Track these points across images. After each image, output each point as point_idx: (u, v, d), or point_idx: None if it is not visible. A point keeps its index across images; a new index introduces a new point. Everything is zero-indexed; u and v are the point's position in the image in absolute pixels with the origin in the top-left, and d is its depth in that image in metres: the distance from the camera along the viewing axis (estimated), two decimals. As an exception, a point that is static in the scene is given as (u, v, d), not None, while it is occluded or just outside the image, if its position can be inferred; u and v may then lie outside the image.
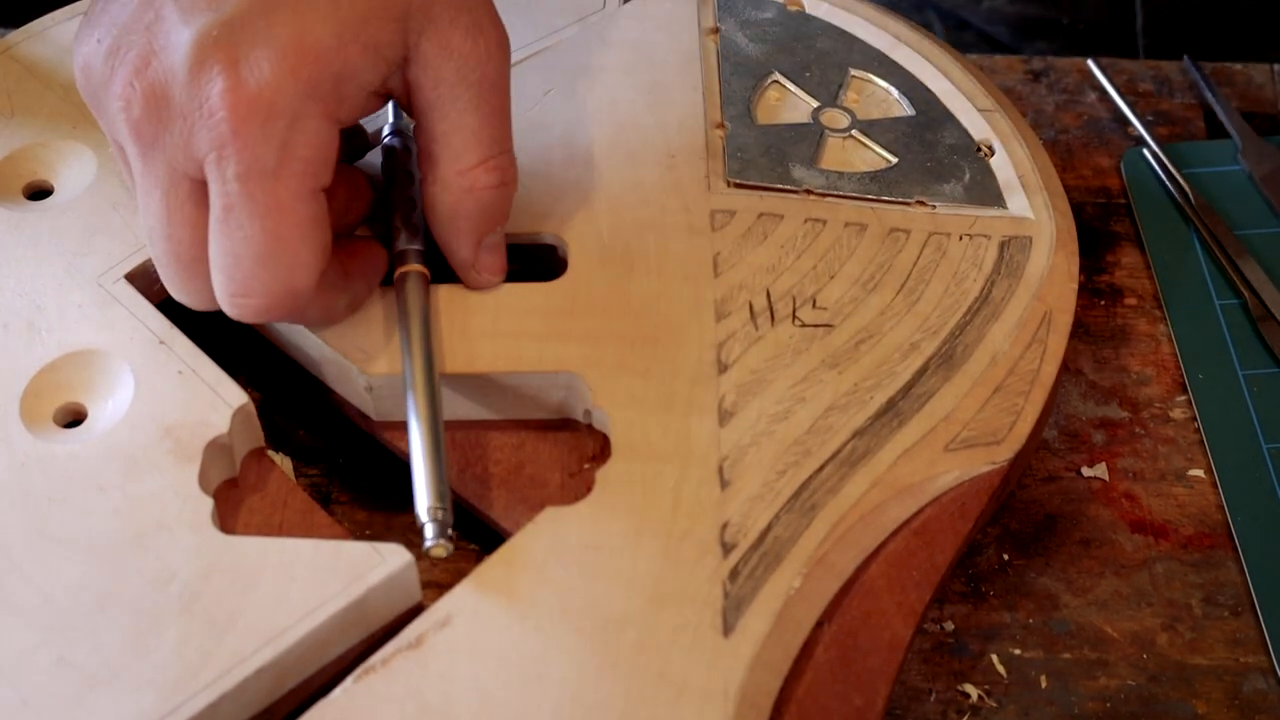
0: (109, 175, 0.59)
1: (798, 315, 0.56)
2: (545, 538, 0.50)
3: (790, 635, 0.48)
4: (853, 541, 0.51)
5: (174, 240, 0.50)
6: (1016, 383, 0.55)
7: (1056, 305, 0.57)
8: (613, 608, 0.48)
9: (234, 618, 0.47)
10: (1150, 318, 0.64)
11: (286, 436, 0.59)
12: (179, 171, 0.49)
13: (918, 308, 0.56)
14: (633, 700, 0.46)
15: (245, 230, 0.48)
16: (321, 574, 0.48)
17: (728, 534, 0.50)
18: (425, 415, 0.51)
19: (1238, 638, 0.54)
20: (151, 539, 0.49)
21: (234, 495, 0.53)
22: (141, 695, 0.46)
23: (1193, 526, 0.57)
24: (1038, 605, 0.55)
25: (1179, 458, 0.59)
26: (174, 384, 0.53)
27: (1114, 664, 0.54)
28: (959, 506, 0.52)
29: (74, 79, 0.51)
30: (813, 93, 0.64)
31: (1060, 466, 0.59)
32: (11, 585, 0.48)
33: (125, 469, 0.51)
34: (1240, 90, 0.73)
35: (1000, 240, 0.59)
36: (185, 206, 0.50)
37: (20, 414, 0.52)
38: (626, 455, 0.52)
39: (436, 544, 0.48)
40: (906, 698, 0.53)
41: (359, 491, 0.57)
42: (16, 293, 0.55)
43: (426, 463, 0.50)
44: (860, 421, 0.53)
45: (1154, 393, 0.61)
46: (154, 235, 0.51)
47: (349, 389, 0.55)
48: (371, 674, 0.47)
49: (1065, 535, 0.57)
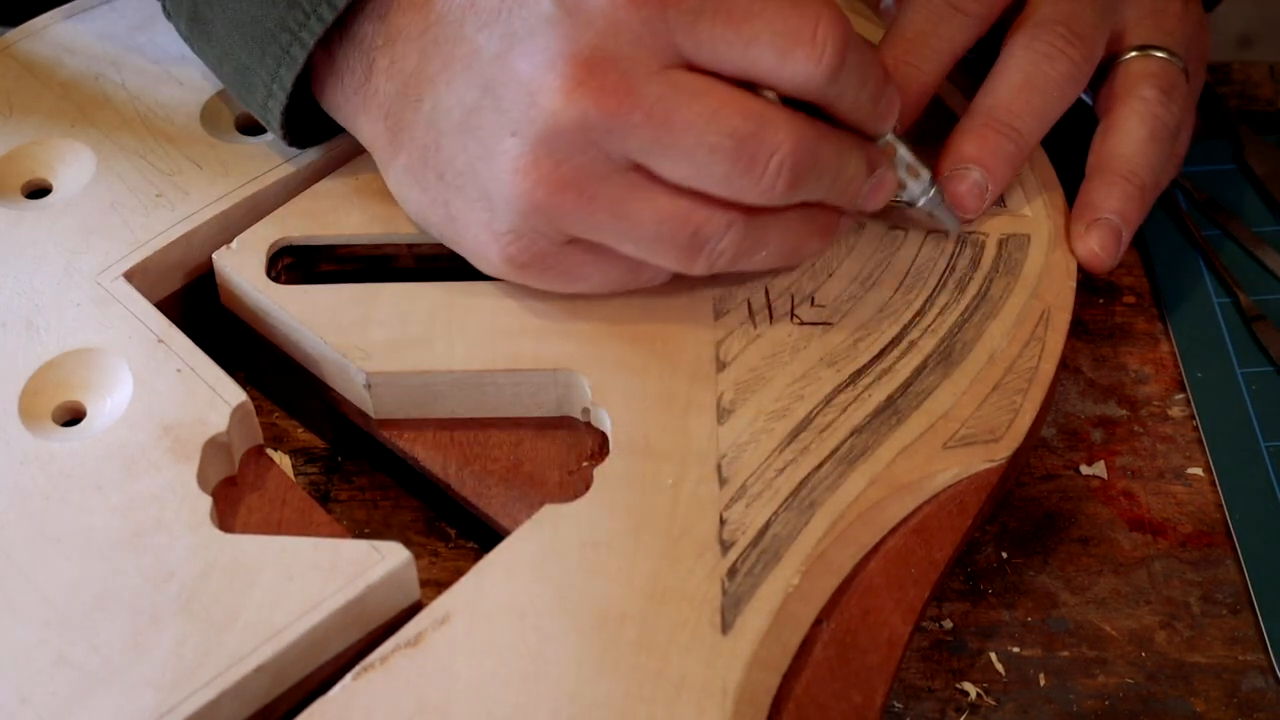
0: (107, 173, 0.59)
1: (796, 313, 0.56)
2: (544, 535, 0.50)
3: (789, 633, 0.49)
4: (851, 539, 0.51)
5: None
6: (1015, 381, 0.55)
7: (1055, 303, 0.57)
8: (611, 605, 0.48)
9: (233, 616, 0.47)
10: (1148, 316, 0.64)
11: (285, 435, 0.59)
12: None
13: (916, 305, 0.56)
14: (631, 698, 0.46)
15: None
16: (320, 572, 0.48)
17: (726, 532, 0.50)
18: None
19: (1236, 636, 0.54)
20: (150, 537, 0.49)
21: (233, 494, 0.53)
22: (141, 693, 0.46)
23: (1191, 525, 0.57)
24: (1036, 603, 0.55)
25: (1177, 456, 0.59)
26: (173, 382, 0.53)
27: (1112, 662, 0.54)
28: (957, 504, 0.52)
29: (72, 78, 0.51)
30: (811, 91, 0.63)
31: (1059, 465, 0.59)
32: (11, 584, 0.48)
33: (124, 467, 0.51)
34: (1239, 89, 0.73)
35: (998, 238, 0.59)
36: None
37: (19, 412, 0.52)
38: (625, 453, 0.52)
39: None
40: (905, 696, 0.53)
41: (358, 490, 0.57)
42: (15, 291, 0.55)
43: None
44: (859, 419, 0.53)
45: (1152, 391, 0.61)
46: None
47: (348, 387, 0.55)
48: (370, 672, 0.47)
49: (1064, 533, 0.57)
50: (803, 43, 0.49)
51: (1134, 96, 0.60)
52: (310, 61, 0.54)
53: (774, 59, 0.49)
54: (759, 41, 0.49)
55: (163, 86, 0.61)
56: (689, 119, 0.48)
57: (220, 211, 0.57)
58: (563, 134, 0.48)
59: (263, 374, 0.59)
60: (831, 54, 0.49)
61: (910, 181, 0.56)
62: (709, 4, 0.48)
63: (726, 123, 0.49)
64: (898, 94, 0.54)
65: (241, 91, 0.56)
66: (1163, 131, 0.59)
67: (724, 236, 0.51)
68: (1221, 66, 0.74)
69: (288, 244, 0.57)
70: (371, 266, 0.59)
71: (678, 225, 0.51)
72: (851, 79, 0.50)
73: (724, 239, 0.51)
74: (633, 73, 0.48)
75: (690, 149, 0.49)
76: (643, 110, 0.48)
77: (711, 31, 0.48)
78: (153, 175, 0.58)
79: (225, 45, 0.55)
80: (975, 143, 0.58)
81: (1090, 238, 0.58)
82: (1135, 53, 0.61)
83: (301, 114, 0.56)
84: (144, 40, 0.63)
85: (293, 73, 0.53)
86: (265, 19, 0.53)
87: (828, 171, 0.52)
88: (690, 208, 0.50)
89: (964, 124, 0.59)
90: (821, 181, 0.52)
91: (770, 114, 0.49)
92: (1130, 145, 0.59)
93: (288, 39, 0.52)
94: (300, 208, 0.58)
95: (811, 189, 0.51)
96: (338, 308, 0.55)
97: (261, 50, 0.53)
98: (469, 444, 0.55)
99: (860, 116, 0.52)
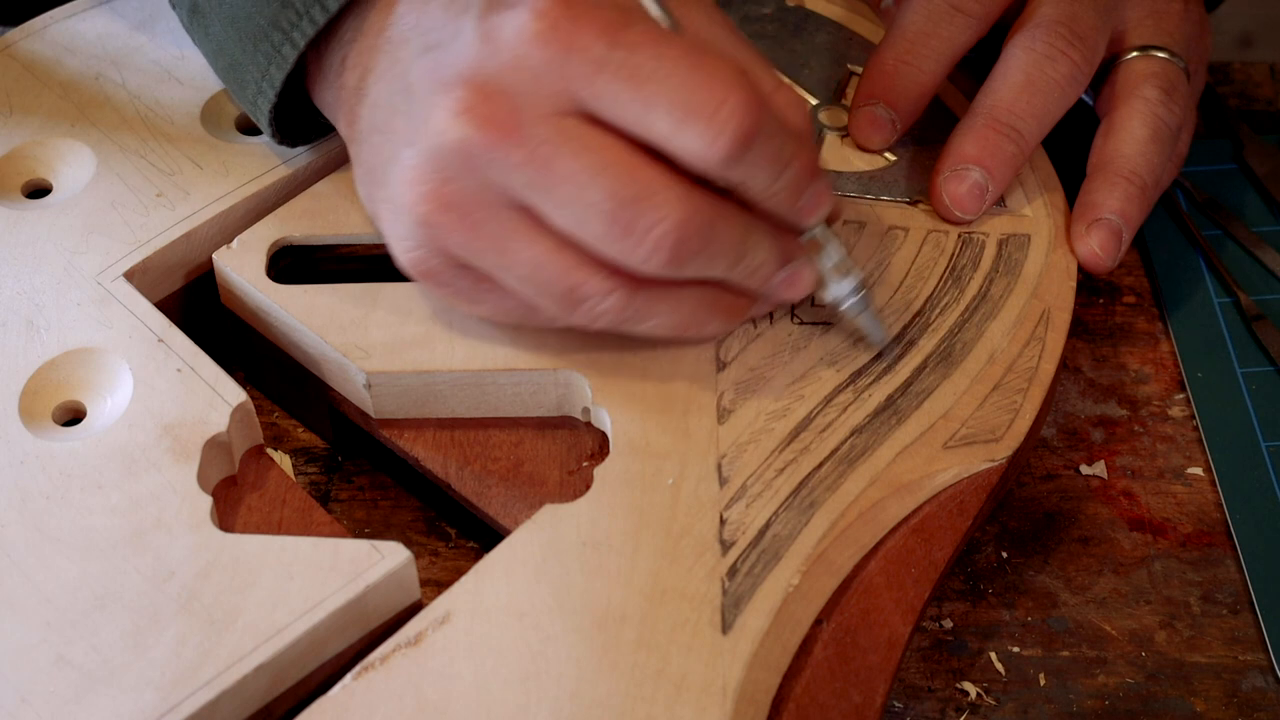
0: (107, 173, 0.59)
1: (796, 313, 0.56)
2: (544, 535, 0.50)
3: (789, 633, 0.49)
4: (851, 539, 0.51)
5: None
6: (1015, 380, 0.55)
7: (1055, 303, 0.57)
8: (611, 605, 0.48)
9: (233, 616, 0.47)
10: (1149, 315, 0.64)
11: (285, 435, 0.59)
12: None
13: (916, 305, 0.56)
14: (631, 697, 0.46)
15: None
16: (320, 572, 0.48)
17: (726, 531, 0.50)
18: None
19: (1236, 635, 0.54)
20: (150, 537, 0.49)
21: (233, 493, 0.53)
22: (141, 693, 0.46)
23: (1191, 524, 0.57)
24: (1036, 603, 0.55)
25: (1177, 456, 0.59)
26: (173, 382, 0.53)
27: (1112, 662, 0.54)
28: (957, 504, 0.52)
29: (72, 78, 0.51)
30: (812, 90, 0.63)
31: (1059, 464, 0.59)
32: (11, 583, 0.48)
33: (124, 467, 0.51)
34: (1239, 89, 0.73)
35: (998, 238, 0.59)
36: None
37: (19, 412, 0.52)
38: (625, 453, 0.52)
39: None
40: (905, 695, 0.53)
41: (358, 490, 0.57)
42: (15, 291, 0.55)
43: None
44: (859, 419, 0.53)
45: (1152, 391, 0.61)
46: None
47: (348, 387, 0.55)
48: (370, 671, 0.47)
49: (1064, 533, 0.57)
50: (701, 118, 0.46)
51: (1135, 96, 0.60)
52: (303, 61, 0.54)
53: (669, 128, 0.46)
54: (656, 108, 0.46)
55: (163, 86, 0.61)
56: (571, 170, 0.46)
57: (220, 211, 0.57)
58: (447, 155, 0.47)
59: (263, 374, 0.59)
60: (731, 137, 0.46)
61: (835, 282, 0.53)
62: (615, 56, 0.46)
63: (608, 183, 0.46)
64: (828, 192, 0.51)
65: (234, 87, 0.56)
66: (1164, 132, 0.59)
67: (603, 300, 0.49)
68: (1222, 66, 0.74)
69: (288, 244, 0.57)
70: (371, 266, 0.59)
71: (555, 276, 0.49)
72: (759, 166, 0.47)
73: (603, 302, 0.49)
74: (524, 110, 0.46)
75: (568, 201, 0.47)
76: (526, 150, 0.46)
77: (611, 87, 0.46)
78: (153, 175, 0.58)
79: (220, 40, 0.55)
80: (975, 143, 0.58)
81: (1091, 238, 0.58)
82: (1136, 53, 0.61)
83: (294, 112, 0.56)
84: (144, 40, 0.63)
85: (283, 72, 0.53)
86: (258, 16, 0.53)
87: (724, 254, 0.49)
88: (572, 262, 0.48)
89: (964, 124, 0.59)
90: (716, 263, 0.49)
91: (660, 184, 0.47)
92: (1131, 145, 0.59)
93: (280, 38, 0.53)
94: (300, 208, 0.58)
95: (703, 269, 0.49)
96: (338, 308, 0.55)
97: (254, 48, 0.53)
98: (469, 444, 0.55)
99: (773, 206, 0.50)
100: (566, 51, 0.46)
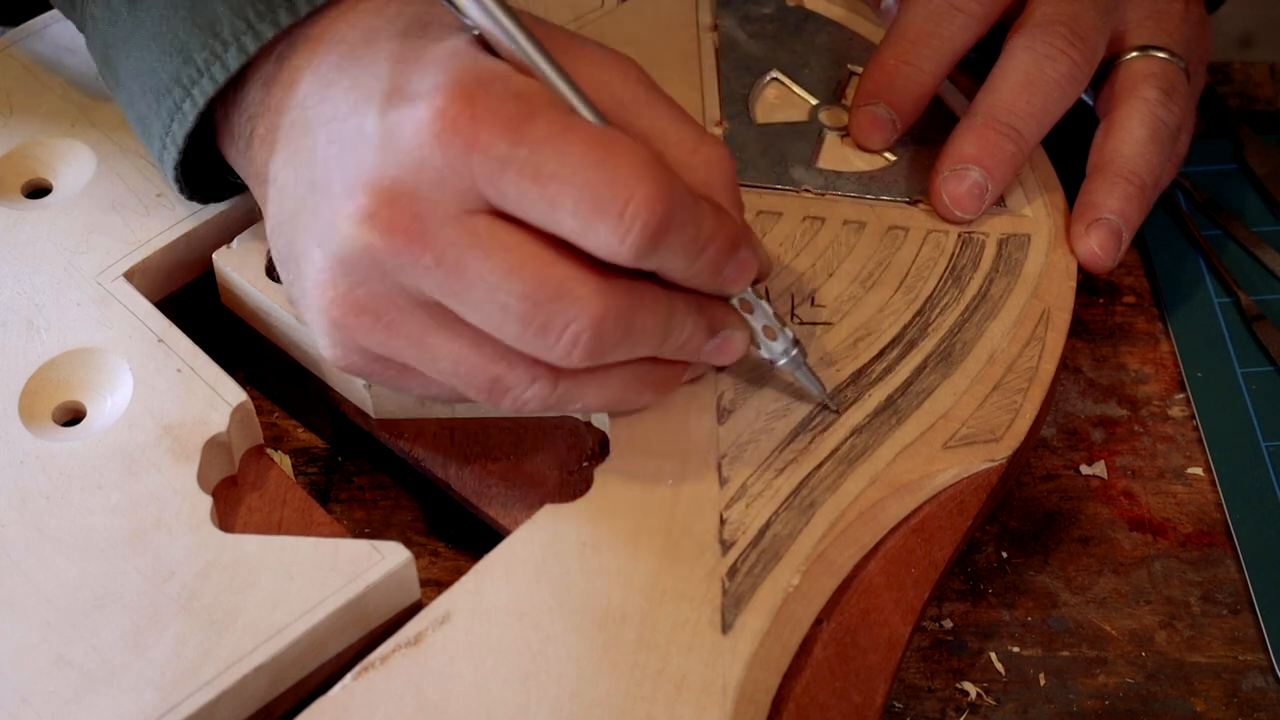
0: (108, 173, 0.59)
1: (796, 313, 0.56)
2: (544, 535, 0.50)
3: (789, 633, 0.49)
4: (851, 539, 0.51)
5: None
6: (1015, 380, 0.55)
7: (1055, 303, 0.57)
8: (611, 605, 0.48)
9: (233, 616, 0.47)
10: (1149, 315, 0.64)
11: (285, 435, 0.59)
12: None
13: (916, 305, 0.56)
14: (631, 697, 0.46)
15: None
16: (320, 572, 0.48)
17: (726, 531, 0.50)
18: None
19: (1236, 635, 0.54)
20: (150, 537, 0.49)
21: (233, 493, 0.53)
22: (140, 693, 0.46)
23: (1191, 524, 0.57)
24: (1036, 603, 0.55)
25: (1177, 456, 0.59)
26: (173, 382, 0.53)
27: (1112, 662, 0.54)
28: (957, 504, 0.52)
29: (72, 78, 0.51)
30: (812, 90, 0.63)
31: (1059, 464, 0.59)
32: (11, 583, 0.48)
33: (124, 467, 0.51)
34: (1239, 89, 0.73)
35: (998, 238, 0.59)
36: None
37: (19, 412, 0.52)
38: (625, 453, 0.52)
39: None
40: (905, 695, 0.53)
41: (358, 490, 0.57)
42: (15, 291, 0.55)
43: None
44: (859, 419, 0.53)
45: (1152, 391, 0.61)
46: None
47: (348, 387, 0.55)
48: (370, 671, 0.47)
49: (1064, 533, 0.57)
50: (609, 216, 0.44)
51: (1135, 96, 0.60)
52: (212, 119, 0.52)
53: (577, 227, 0.45)
54: (562, 207, 0.45)
55: (163, 86, 0.61)
56: (481, 271, 0.45)
57: (220, 211, 0.57)
58: (355, 261, 0.46)
59: (263, 374, 0.59)
60: (640, 233, 0.45)
61: (767, 343, 0.52)
62: (518, 155, 0.44)
63: (519, 285, 0.45)
64: (752, 258, 0.49)
65: (145, 140, 0.54)
66: (1164, 131, 0.59)
67: (527, 389, 0.48)
68: (1222, 66, 0.74)
69: (288, 244, 0.57)
70: (371, 266, 0.59)
71: (476, 369, 0.48)
72: (674, 252, 0.46)
73: (527, 390, 0.48)
74: (429, 213, 0.45)
75: (481, 302, 0.46)
76: (434, 253, 0.45)
77: (516, 186, 0.45)
78: (153, 175, 0.58)
79: (128, 92, 0.53)
80: (975, 143, 0.58)
81: (1090, 237, 0.58)
82: (1136, 53, 0.61)
83: (206, 170, 0.55)
84: (144, 40, 0.63)
85: (184, 129, 0.51)
86: (161, 71, 0.51)
87: (647, 339, 0.48)
88: (492, 356, 0.47)
89: (964, 124, 0.59)
90: (639, 348, 0.48)
91: (574, 280, 0.45)
92: (1131, 145, 0.59)
93: (180, 94, 0.51)
94: (300, 207, 0.58)
95: (628, 354, 0.48)
96: (338, 307, 0.55)
97: (158, 102, 0.52)
98: (469, 444, 0.55)
99: (697, 284, 0.49)
100: (468, 151, 0.44)
